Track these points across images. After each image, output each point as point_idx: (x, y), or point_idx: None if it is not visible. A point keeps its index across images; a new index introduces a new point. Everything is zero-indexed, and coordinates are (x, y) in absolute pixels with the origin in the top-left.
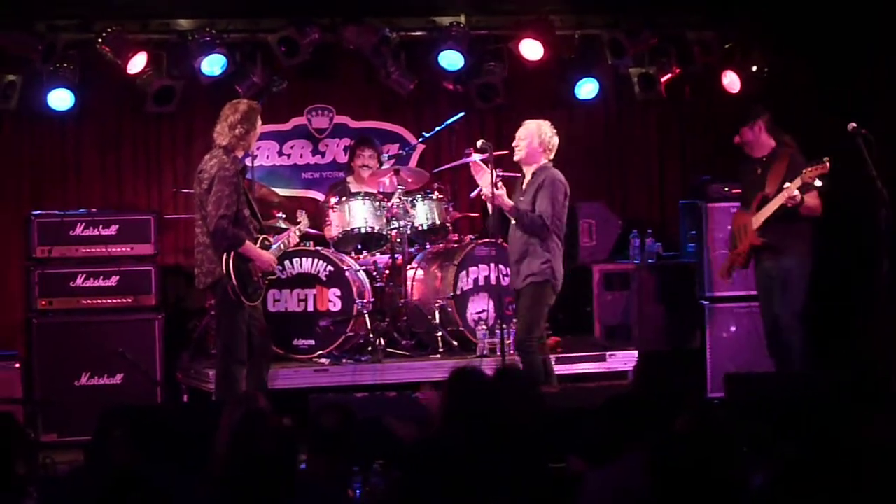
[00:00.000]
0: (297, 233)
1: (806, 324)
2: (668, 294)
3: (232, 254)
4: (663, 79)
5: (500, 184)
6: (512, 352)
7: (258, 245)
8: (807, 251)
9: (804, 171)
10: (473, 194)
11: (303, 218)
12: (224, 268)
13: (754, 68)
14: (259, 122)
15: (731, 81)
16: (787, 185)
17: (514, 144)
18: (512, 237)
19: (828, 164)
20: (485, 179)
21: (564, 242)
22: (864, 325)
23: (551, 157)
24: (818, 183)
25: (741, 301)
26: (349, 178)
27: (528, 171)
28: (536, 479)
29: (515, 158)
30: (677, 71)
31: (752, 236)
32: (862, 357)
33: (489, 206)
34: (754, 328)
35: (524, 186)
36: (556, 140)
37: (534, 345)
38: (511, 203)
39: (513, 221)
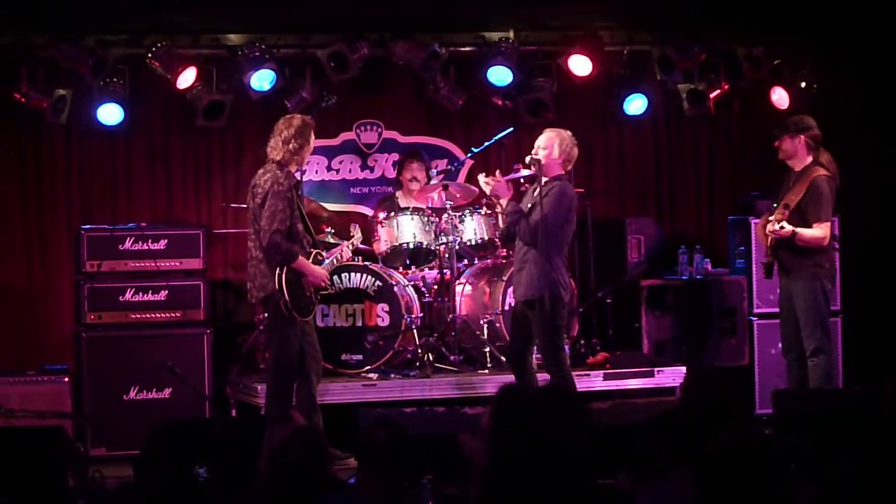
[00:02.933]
0: (350, 247)
1: (828, 349)
2: (716, 310)
3: (285, 269)
4: (712, 95)
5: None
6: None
7: (311, 260)
8: (815, 273)
9: (776, 213)
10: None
11: (356, 232)
12: (277, 283)
13: (803, 84)
14: (312, 137)
15: (780, 97)
16: (771, 218)
17: (532, 154)
18: (516, 246)
19: (787, 211)
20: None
21: (568, 257)
22: None
23: (569, 168)
24: (780, 227)
25: None
26: (398, 193)
27: (542, 182)
28: (586, 496)
29: (534, 169)
30: (726, 87)
31: (768, 253)
32: None
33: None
34: None
35: (533, 194)
36: (576, 151)
37: (564, 364)
38: (509, 195)
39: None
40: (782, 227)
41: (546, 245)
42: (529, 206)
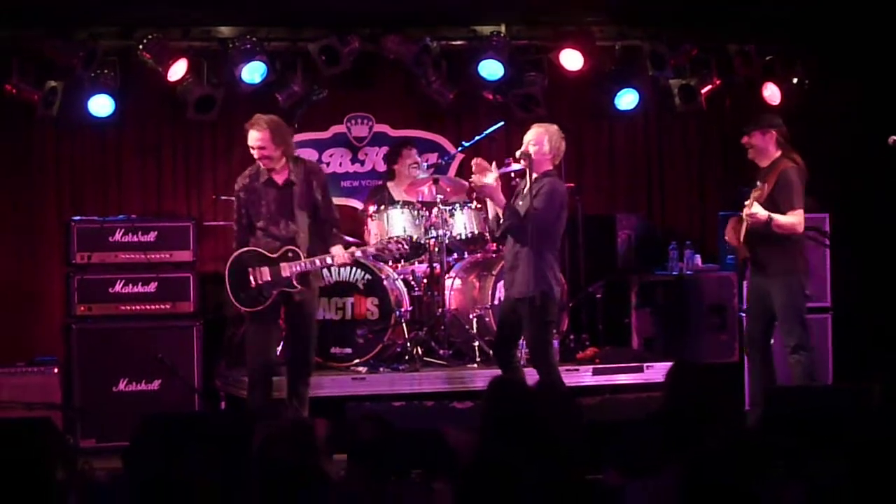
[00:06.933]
0: (346, 256)
1: (808, 345)
2: (706, 306)
3: (230, 260)
4: (704, 90)
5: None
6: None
7: (278, 255)
8: (791, 269)
9: (753, 191)
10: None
11: (378, 240)
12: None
13: (795, 80)
14: (250, 133)
15: (771, 94)
16: (745, 203)
17: (522, 149)
18: (508, 243)
19: (767, 187)
20: (487, 175)
21: (559, 253)
22: None
23: (558, 162)
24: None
25: None
26: (389, 185)
27: (532, 178)
28: (574, 491)
29: (524, 163)
30: (718, 82)
31: (742, 249)
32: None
33: (489, 206)
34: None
35: (524, 191)
36: (563, 145)
37: (552, 360)
38: (503, 199)
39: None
40: (757, 212)
41: (539, 242)
42: (520, 203)
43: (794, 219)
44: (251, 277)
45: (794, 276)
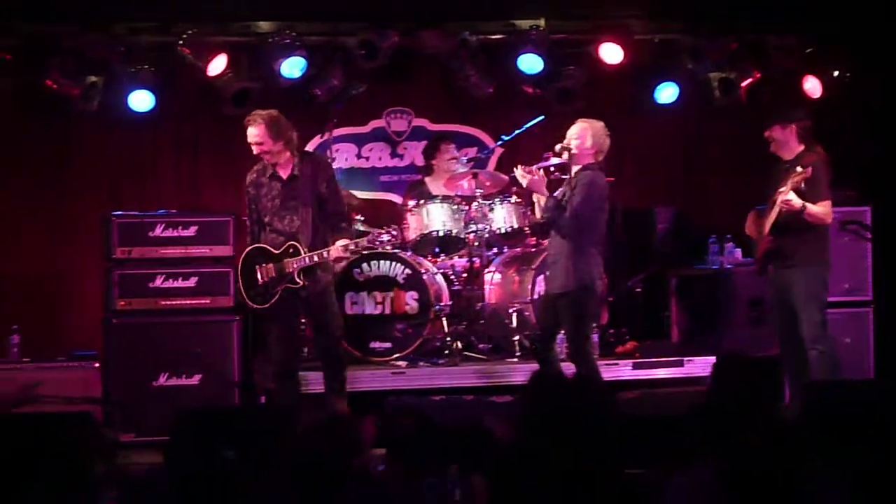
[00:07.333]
0: (340, 250)
1: (829, 336)
2: (747, 300)
3: (241, 259)
4: (744, 83)
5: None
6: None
7: (281, 251)
8: (815, 259)
9: (791, 176)
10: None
11: (384, 232)
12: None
13: (836, 73)
14: (246, 128)
15: (812, 86)
16: (780, 190)
17: (564, 143)
18: (551, 238)
19: (810, 170)
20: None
21: (603, 246)
22: None
23: (600, 158)
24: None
25: None
26: (427, 179)
27: (573, 171)
28: (612, 485)
29: (564, 157)
30: (758, 75)
31: (765, 241)
32: None
33: (535, 200)
34: (835, 335)
35: (565, 185)
36: (608, 142)
37: (589, 353)
38: (546, 192)
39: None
40: (792, 199)
41: (580, 236)
42: (562, 197)
43: (824, 209)
44: (258, 275)
45: (818, 266)
